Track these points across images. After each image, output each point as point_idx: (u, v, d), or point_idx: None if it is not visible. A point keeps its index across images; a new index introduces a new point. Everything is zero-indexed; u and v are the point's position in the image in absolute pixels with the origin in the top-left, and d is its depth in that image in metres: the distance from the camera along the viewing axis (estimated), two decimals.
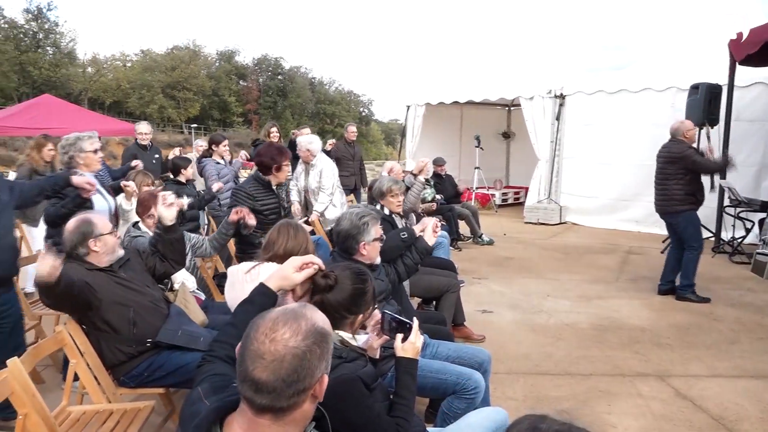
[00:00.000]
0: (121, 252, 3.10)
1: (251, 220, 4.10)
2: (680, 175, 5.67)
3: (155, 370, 2.97)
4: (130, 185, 4.69)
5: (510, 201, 13.87)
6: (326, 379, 1.28)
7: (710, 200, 6.74)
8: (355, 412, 1.85)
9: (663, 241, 8.10)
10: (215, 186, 6.17)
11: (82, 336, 2.91)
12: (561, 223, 10.76)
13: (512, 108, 14.62)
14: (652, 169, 5.98)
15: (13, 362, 2.28)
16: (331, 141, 9.16)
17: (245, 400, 1.24)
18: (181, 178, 5.98)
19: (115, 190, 4.59)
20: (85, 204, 3.63)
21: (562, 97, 10.79)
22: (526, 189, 11.99)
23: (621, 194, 10.11)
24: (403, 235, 3.71)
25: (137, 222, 4.05)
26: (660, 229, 8.71)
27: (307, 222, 5.60)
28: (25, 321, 4.29)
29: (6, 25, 47.11)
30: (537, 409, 1.16)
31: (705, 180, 6.23)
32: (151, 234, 3.65)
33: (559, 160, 10.96)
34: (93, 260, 2.99)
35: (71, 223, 3.04)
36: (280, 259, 2.64)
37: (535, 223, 10.81)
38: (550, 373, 4.15)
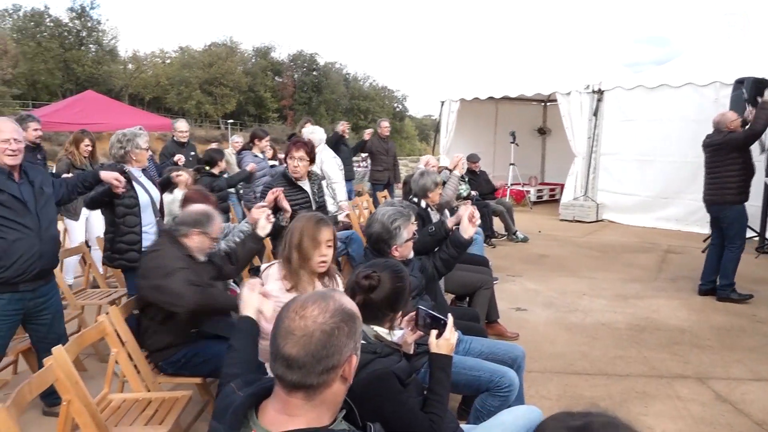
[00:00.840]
0: (202, 258, 3.20)
1: (286, 204, 4.02)
2: (729, 162, 5.52)
3: (192, 357, 3.04)
4: (183, 175, 4.79)
5: (545, 198, 13.69)
6: (355, 360, 1.32)
7: (754, 198, 6.52)
8: (389, 407, 1.86)
9: (704, 240, 7.88)
10: (249, 166, 6.32)
11: (123, 326, 2.99)
12: (597, 221, 10.57)
13: (548, 104, 14.42)
14: (694, 166, 5.86)
15: (57, 351, 2.36)
16: (368, 131, 9.16)
17: (278, 379, 1.28)
18: (215, 170, 6.14)
19: (163, 186, 4.69)
20: (120, 196, 3.76)
21: (600, 92, 10.58)
22: (562, 186, 11.81)
23: (660, 192, 9.88)
24: (430, 229, 3.69)
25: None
26: (701, 227, 8.51)
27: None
28: (65, 311, 4.48)
29: (51, 24, 48.59)
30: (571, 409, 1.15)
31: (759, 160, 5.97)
32: None
33: (596, 156, 10.77)
34: (184, 244, 3.12)
35: (198, 207, 3.24)
36: (296, 251, 2.64)
37: (571, 221, 10.65)
38: (586, 372, 4.09)
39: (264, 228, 3.32)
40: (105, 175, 3.61)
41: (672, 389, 3.80)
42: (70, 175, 4.95)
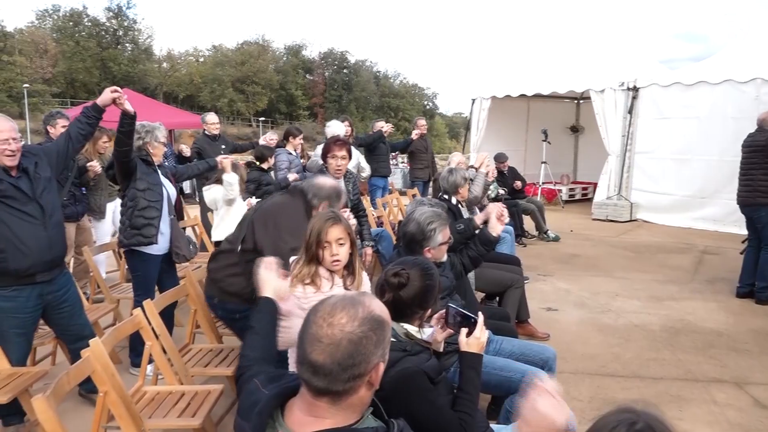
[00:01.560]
0: None
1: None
2: (766, 165, 5.38)
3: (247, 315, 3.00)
4: (225, 161, 4.85)
5: (577, 197, 13.49)
6: (382, 366, 1.29)
7: None
8: (418, 405, 1.86)
9: (742, 242, 7.66)
10: (291, 176, 6.38)
11: (157, 319, 3.04)
12: (631, 221, 10.37)
13: (581, 101, 14.20)
14: (732, 165, 5.71)
15: (95, 343, 2.42)
16: (416, 131, 9.09)
17: (304, 382, 1.27)
18: (264, 166, 6.25)
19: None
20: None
21: (635, 89, 10.37)
22: (595, 185, 11.63)
23: (697, 191, 9.64)
24: (459, 227, 3.68)
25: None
26: (739, 228, 8.25)
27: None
28: (102, 304, 4.59)
29: (89, 24, 49.83)
30: (603, 411, 1.13)
31: None
32: None
33: (631, 155, 10.56)
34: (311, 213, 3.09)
35: (332, 182, 3.25)
36: (309, 250, 2.59)
37: (604, 220, 10.47)
38: (618, 374, 4.02)
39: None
40: (102, 99, 3.39)
41: (708, 393, 3.71)
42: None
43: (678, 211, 9.92)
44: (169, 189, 4.07)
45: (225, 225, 4.77)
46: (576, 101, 14.47)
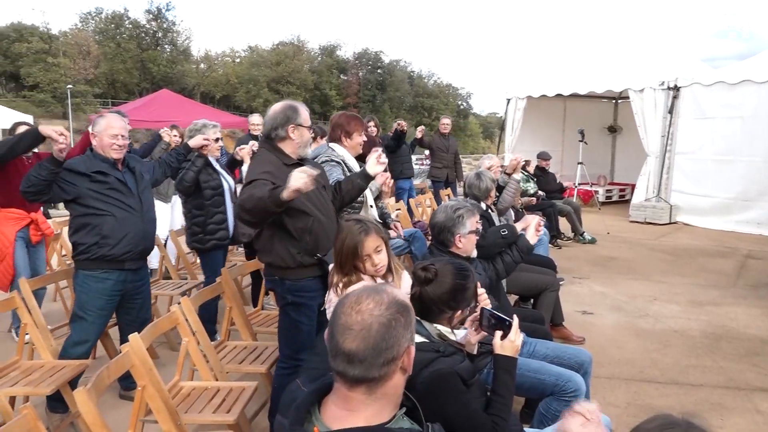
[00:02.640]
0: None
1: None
2: None
3: (302, 293, 2.95)
4: (244, 147, 4.78)
5: (614, 198, 13.23)
6: (413, 350, 1.32)
7: None
8: (452, 406, 1.84)
9: None
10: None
11: (194, 316, 3.10)
12: (671, 223, 10.11)
13: (619, 101, 13.93)
14: None
15: (134, 338, 2.48)
16: (420, 128, 9.08)
17: (339, 375, 1.29)
18: None
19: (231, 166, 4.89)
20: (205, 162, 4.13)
21: (676, 88, 10.11)
22: (633, 186, 11.38)
23: (740, 193, 9.36)
24: (503, 232, 3.65)
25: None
26: None
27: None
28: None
29: (130, 26, 51.06)
30: (640, 418, 1.10)
31: None
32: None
33: (671, 155, 10.30)
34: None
35: (280, 104, 3.06)
36: (344, 266, 2.52)
37: (642, 222, 10.25)
38: (656, 381, 3.93)
39: (374, 167, 3.14)
40: (194, 141, 3.96)
41: (751, 402, 3.60)
42: None
43: (720, 213, 9.64)
44: (228, 181, 4.42)
45: None
46: (614, 101, 14.20)
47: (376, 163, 3.10)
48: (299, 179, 2.51)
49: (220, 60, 58.27)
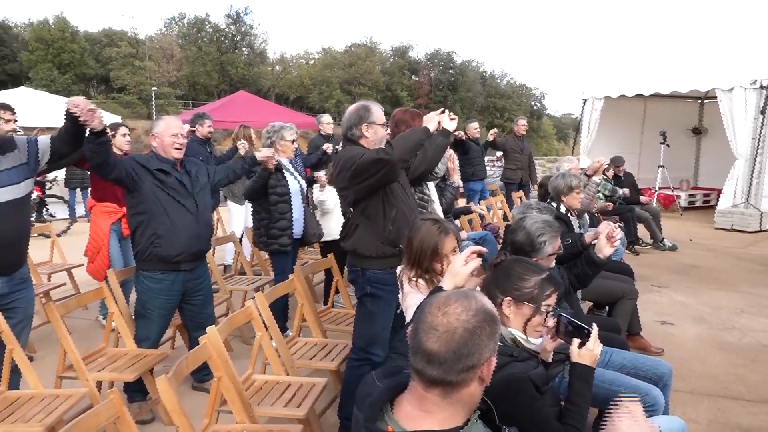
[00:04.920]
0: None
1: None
2: None
3: (381, 285, 3.02)
4: (321, 176, 5.03)
5: (698, 204, 12.58)
6: (494, 361, 1.31)
7: None
8: (524, 412, 1.80)
9: None
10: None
11: (267, 311, 3.18)
12: (761, 231, 9.50)
13: (705, 101, 13.22)
14: None
15: (211, 331, 2.57)
16: (492, 131, 8.95)
17: (416, 373, 1.29)
18: None
19: (308, 183, 4.96)
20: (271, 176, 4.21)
21: None
22: (719, 191, 10.77)
23: None
24: (567, 241, 3.49)
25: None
26: None
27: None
28: (216, 294, 4.87)
29: (211, 30, 53.19)
30: None
31: None
32: None
33: (762, 159, 9.69)
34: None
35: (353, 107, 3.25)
36: (421, 266, 2.54)
37: (728, 230, 9.68)
38: (743, 398, 3.70)
39: (449, 124, 3.19)
40: (261, 154, 4.06)
41: None
42: None
43: None
44: (300, 182, 4.50)
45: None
46: (699, 101, 13.49)
47: (449, 119, 3.18)
48: None
49: (294, 62, 59.75)
